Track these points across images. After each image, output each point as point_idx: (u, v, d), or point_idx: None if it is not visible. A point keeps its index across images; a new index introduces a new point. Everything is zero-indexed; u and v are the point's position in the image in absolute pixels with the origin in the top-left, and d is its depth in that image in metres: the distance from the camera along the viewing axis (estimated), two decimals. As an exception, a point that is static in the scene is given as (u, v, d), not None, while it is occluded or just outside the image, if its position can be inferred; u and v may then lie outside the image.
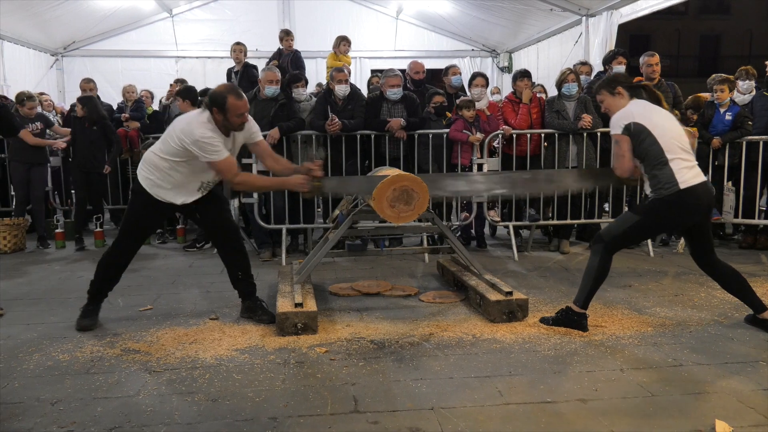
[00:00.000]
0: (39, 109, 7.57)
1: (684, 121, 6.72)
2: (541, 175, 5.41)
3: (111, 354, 3.70)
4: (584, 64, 7.50)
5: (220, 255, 4.48)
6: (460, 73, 7.48)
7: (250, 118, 4.23)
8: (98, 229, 7.23)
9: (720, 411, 2.89)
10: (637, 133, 3.80)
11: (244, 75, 8.03)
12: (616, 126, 3.87)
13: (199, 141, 3.90)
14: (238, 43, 8.33)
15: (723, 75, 6.91)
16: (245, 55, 8.29)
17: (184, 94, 6.55)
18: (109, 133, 7.24)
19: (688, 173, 3.78)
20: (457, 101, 6.57)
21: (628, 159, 3.85)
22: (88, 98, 7.26)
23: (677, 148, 3.80)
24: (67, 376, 3.38)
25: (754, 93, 6.96)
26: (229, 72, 8.47)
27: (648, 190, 3.89)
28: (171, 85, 8.20)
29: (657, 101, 3.99)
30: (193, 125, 3.95)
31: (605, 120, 6.31)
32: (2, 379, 3.34)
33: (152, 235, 7.49)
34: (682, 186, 3.73)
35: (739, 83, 6.78)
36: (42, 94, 8.75)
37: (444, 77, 7.46)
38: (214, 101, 3.95)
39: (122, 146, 7.55)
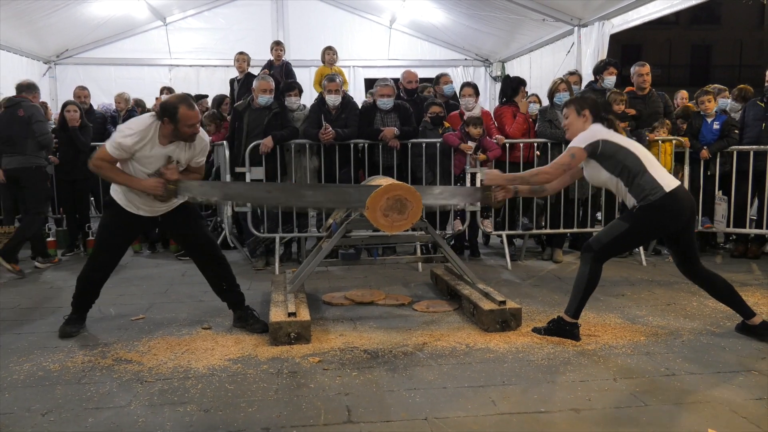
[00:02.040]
0: None
1: (675, 131, 6.77)
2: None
3: (102, 364, 3.68)
4: (573, 73, 7.55)
5: (201, 270, 4.43)
6: (452, 82, 7.52)
7: (204, 138, 4.19)
8: (90, 238, 7.19)
9: (713, 420, 2.90)
10: (607, 150, 3.85)
11: (244, 84, 8.01)
12: (581, 141, 3.91)
13: (119, 128, 3.96)
14: (241, 53, 8.30)
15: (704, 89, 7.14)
16: (248, 64, 8.27)
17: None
18: (76, 140, 7.13)
19: (667, 178, 3.84)
20: (464, 118, 6.58)
21: (567, 174, 4.00)
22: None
23: (650, 158, 3.89)
24: (58, 386, 3.35)
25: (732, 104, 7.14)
26: (232, 81, 8.46)
27: (632, 202, 3.89)
28: (156, 98, 8.12)
29: (616, 131, 4.04)
30: (129, 121, 4.01)
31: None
32: (-8, 390, 3.31)
33: (143, 243, 7.47)
34: (667, 189, 3.77)
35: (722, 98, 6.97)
36: (44, 102, 8.69)
37: (435, 86, 7.49)
38: (165, 110, 3.93)
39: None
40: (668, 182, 3.82)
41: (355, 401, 3.13)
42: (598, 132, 3.91)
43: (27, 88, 6.64)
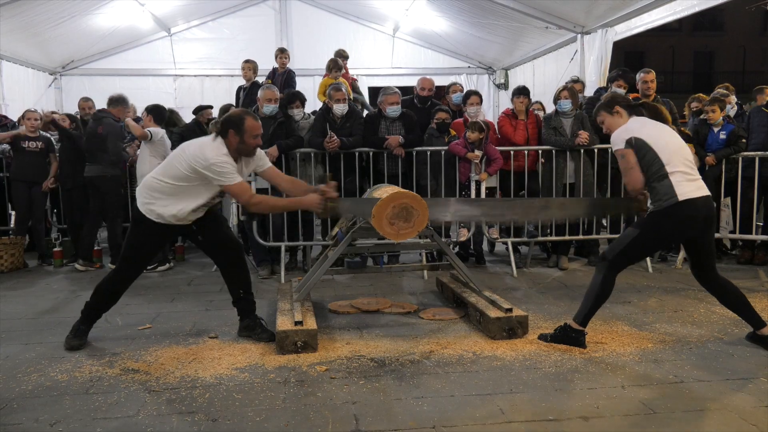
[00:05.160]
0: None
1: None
2: (554, 203, 5.37)
3: (110, 374, 3.68)
4: (576, 81, 7.55)
5: (222, 273, 4.46)
6: (461, 91, 7.51)
7: (259, 151, 4.26)
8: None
9: (722, 428, 2.89)
10: (638, 148, 3.82)
11: (249, 93, 7.99)
12: (618, 141, 3.89)
13: (214, 165, 3.91)
14: (247, 61, 8.21)
15: (701, 95, 7.10)
16: (255, 72, 8.25)
17: (150, 109, 6.80)
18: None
19: (688, 186, 3.78)
20: (467, 124, 6.60)
21: (637, 170, 3.84)
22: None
23: (679, 162, 3.81)
24: (66, 396, 3.36)
25: (735, 108, 7.09)
26: (239, 90, 8.44)
27: (648, 203, 3.91)
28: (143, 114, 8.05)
29: (658, 116, 4.00)
30: (206, 149, 3.97)
31: (601, 136, 6.38)
32: (0, 400, 3.31)
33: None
34: (681, 198, 3.74)
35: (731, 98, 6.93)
36: (54, 112, 8.70)
37: (446, 95, 7.53)
38: (231, 123, 3.98)
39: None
40: (687, 191, 3.76)
41: (362, 410, 3.13)
42: (631, 128, 3.89)
43: (112, 102, 6.91)
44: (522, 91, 6.85)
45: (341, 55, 8.93)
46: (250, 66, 8.15)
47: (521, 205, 5.22)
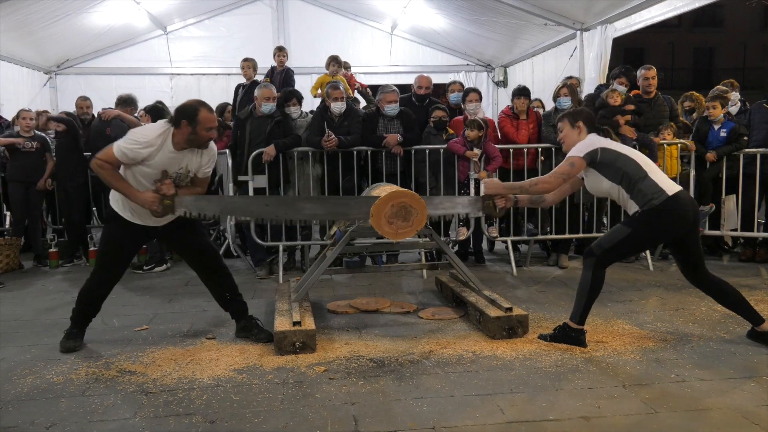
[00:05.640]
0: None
1: (680, 134, 6.73)
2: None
3: (106, 376, 3.65)
4: (570, 78, 7.52)
5: (203, 281, 4.39)
6: (461, 90, 7.44)
7: (213, 147, 4.17)
8: (92, 248, 7.18)
9: (724, 428, 2.87)
10: (607, 158, 3.85)
11: (248, 92, 7.92)
12: (579, 150, 3.90)
13: (130, 132, 3.92)
14: (247, 60, 8.14)
15: (694, 94, 7.06)
16: (255, 71, 8.18)
17: (149, 110, 6.80)
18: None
19: (668, 182, 3.83)
20: (466, 122, 6.56)
21: (567, 183, 3.99)
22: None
23: (650, 164, 3.88)
24: (62, 398, 3.33)
25: (738, 105, 7.03)
26: (238, 87, 8.38)
27: (633, 209, 3.85)
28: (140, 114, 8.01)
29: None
30: (143, 127, 4.01)
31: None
32: (-4, 403, 3.29)
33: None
34: (670, 193, 3.75)
35: (732, 96, 6.86)
36: (45, 112, 8.67)
37: (446, 93, 7.50)
38: (184, 113, 3.91)
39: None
40: (670, 186, 3.80)
41: (361, 411, 3.10)
42: (596, 141, 3.91)
43: (122, 102, 6.87)
44: (522, 92, 6.80)
45: (342, 66, 8.89)
46: (249, 64, 8.08)
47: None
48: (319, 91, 7.76)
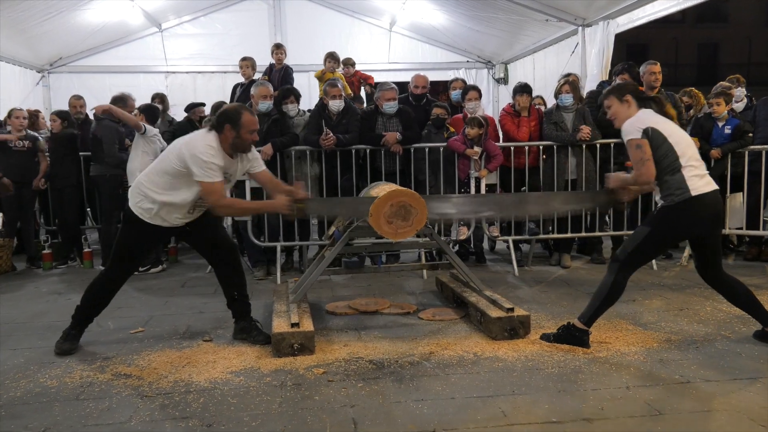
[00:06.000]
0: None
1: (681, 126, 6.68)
2: (530, 198, 5.35)
3: (101, 379, 3.60)
4: (569, 74, 7.46)
5: (216, 274, 4.39)
6: (462, 87, 7.38)
7: (253, 150, 4.17)
8: (86, 250, 7.12)
9: (729, 429, 2.83)
10: (653, 139, 3.73)
11: (246, 91, 7.86)
12: (632, 131, 3.76)
13: (199, 157, 3.81)
14: (245, 58, 8.05)
15: (693, 90, 6.99)
16: (254, 69, 8.09)
17: (143, 109, 6.77)
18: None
19: (699, 181, 3.73)
20: (466, 120, 6.51)
21: (651, 162, 3.72)
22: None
23: (690, 156, 3.75)
24: (56, 402, 3.28)
25: (745, 101, 6.95)
26: (235, 87, 8.30)
27: (657, 197, 3.83)
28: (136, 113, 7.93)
29: (665, 114, 3.92)
30: (197, 141, 3.90)
31: (602, 129, 6.29)
32: (-12, 408, 3.23)
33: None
34: (693, 193, 3.68)
35: (736, 92, 6.78)
36: (38, 111, 8.59)
37: (447, 91, 7.45)
38: (228, 117, 3.89)
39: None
40: (698, 186, 3.70)
41: (361, 413, 3.06)
42: (646, 118, 3.80)
43: (115, 102, 6.76)
44: (524, 89, 6.73)
45: (346, 62, 8.84)
46: (248, 64, 7.98)
47: (494, 201, 5.15)
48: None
